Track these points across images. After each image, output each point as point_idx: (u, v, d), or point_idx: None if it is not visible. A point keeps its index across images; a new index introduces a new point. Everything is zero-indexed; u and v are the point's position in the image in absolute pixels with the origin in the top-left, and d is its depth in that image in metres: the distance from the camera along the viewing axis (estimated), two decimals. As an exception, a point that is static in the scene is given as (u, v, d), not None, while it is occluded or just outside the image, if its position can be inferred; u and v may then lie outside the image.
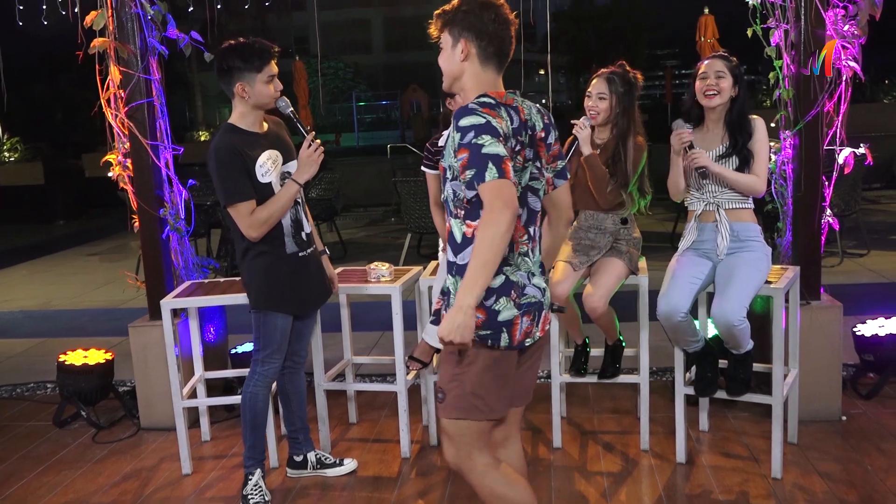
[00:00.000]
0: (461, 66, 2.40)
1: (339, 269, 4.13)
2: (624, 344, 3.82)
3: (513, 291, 2.38)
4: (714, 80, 3.38)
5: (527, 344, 2.45)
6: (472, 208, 2.32)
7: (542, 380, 4.67)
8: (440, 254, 3.90)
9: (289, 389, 3.58)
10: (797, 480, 3.37)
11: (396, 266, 3.99)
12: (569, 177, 2.59)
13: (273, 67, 3.20)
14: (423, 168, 3.97)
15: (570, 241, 3.74)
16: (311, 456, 3.65)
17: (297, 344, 3.52)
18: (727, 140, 3.41)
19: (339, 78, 38.86)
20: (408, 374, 3.79)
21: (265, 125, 3.31)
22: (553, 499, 3.33)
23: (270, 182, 3.22)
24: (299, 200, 3.32)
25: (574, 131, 3.57)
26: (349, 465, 3.69)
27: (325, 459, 3.67)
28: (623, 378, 3.86)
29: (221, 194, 3.16)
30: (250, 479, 3.39)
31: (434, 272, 3.87)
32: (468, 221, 2.35)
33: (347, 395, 4.28)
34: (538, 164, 2.44)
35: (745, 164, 3.38)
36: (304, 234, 3.34)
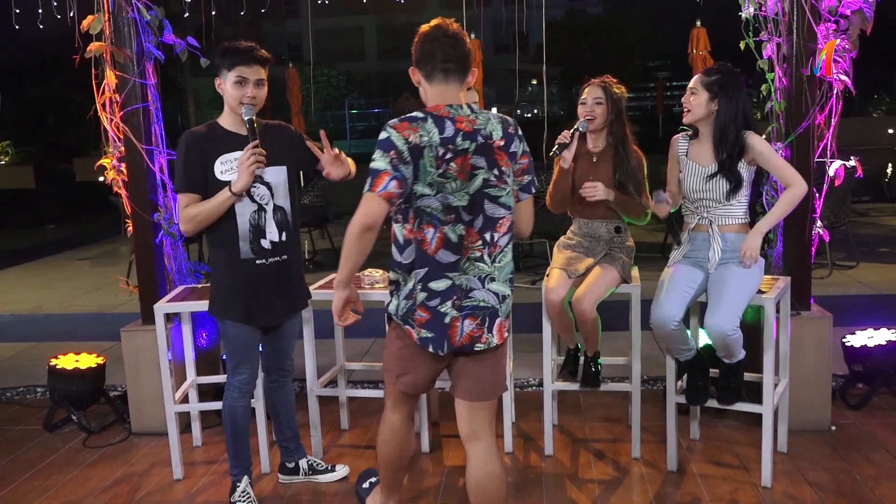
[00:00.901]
0: (421, 92, 2.65)
1: (332, 276, 4.13)
2: (600, 361, 3.80)
3: (455, 295, 2.56)
4: (687, 96, 3.40)
5: (476, 349, 2.61)
6: (401, 213, 2.58)
7: (534, 388, 4.69)
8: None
9: (276, 402, 3.57)
10: (787, 489, 3.39)
11: (390, 273, 3.99)
12: (533, 191, 2.72)
13: (248, 71, 3.15)
14: None
15: (565, 249, 3.76)
16: (302, 463, 3.65)
17: (276, 358, 3.49)
18: (717, 157, 3.40)
19: (332, 85, 38.86)
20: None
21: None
22: (544, 506, 3.34)
23: (231, 181, 3.15)
24: (265, 207, 3.22)
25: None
26: (341, 471, 3.68)
27: (317, 465, 3.67)
28: (614, 386, 3.87)
29: (173, 180, 3.25)
30: (238, 486, 3.39)
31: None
32: (405, 225, 2.57)
33: (339, 401, 4.28)
34: (496, 172, 2.56)
35: (738, 185, 3.35)
36: (265, 242, 3.23)
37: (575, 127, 3.63)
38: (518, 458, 3.82)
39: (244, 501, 3.36)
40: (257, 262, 3.24)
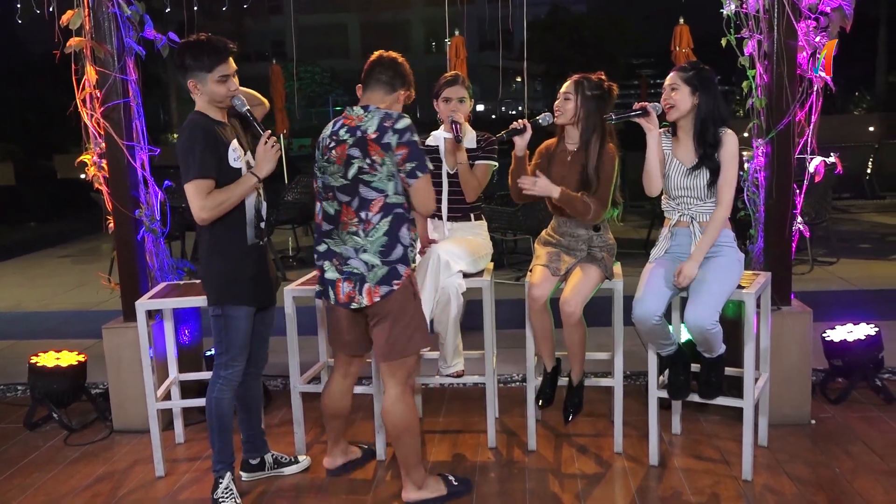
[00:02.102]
0: None
1: (316, 272, 4.12)
2: (585, 383, 3.79)
3: (335, 259, 3.17)
4: (668, 93, 3.41)
5: (352, 307, 3.17)
6: None
7: (518, 383, 4.71)
8: (417, 256, 3.91)
9: (248, 396, 3.55)
10: (767, 482, 3.42)
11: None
12: (419, 175, 3.07)
13: (227, 67, 3.17)
14: None
15: (546, 246, 3.76)
16: (268, 457, 3.66)
17: (260, 349, 3.50)
18: (697, 151, 3.43)
19: (316, 82, 38.77)
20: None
21: (226, 120, 3.32)
22: (528, 500, 3.35)
23: (241, 168, 3.22)
24: (260, 191, 3.34)
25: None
26: (304, 462, 3.73)
27: (281, 458, 3.70)
28: (597, 381, 3.89)
29: (186, 168, 3.10)
30: (221, 483, 3.36)
31: (411, 275, 3.88)
32: None
33: (323, 397, 4.27)
34: (368, 161, 3.05)
35: (715, 176, 3.39)
36: (262, 224, 3.36)
37: (536, 118, 3.62)
38: (501, 453, 3.83)
39: (228, 498, 3.34)
40: (260, 244, 3.34)
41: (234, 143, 3.23)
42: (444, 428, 4.17)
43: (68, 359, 4.40)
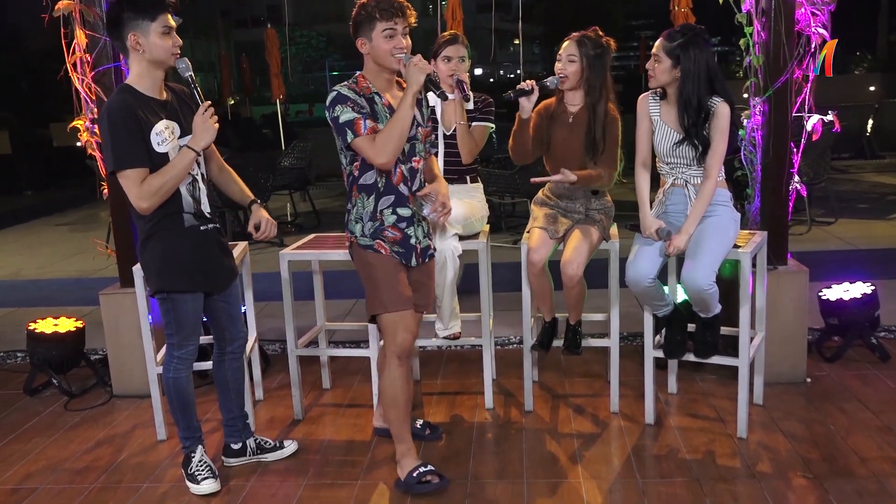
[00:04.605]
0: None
1: (312, 237, 4.12)
2: (581, 332, 3.78)
3: None
4: (651, 62, 3.33)
5: None
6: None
7: (515, 345, 4.73)
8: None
9: (228, 378, 3.39)
10: (762, 440, 3.44)
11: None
12: (347, 143, 3.02)
13: (170, 20, 2.95)
14: None
15: (543, 207, 3.75)
16: (250, 442, 3.47)
17: (231, 325, 3.32)
18: (683, 124, 3.35)
19: (312, 47, 38.38)
20: (381, 339, 3.80)
21: (165, 93, 3.07)
22: (525, 460, 3.38)
23: (167, 153, 2.97)
24: (197, 178, 3.09)
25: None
26: (290, 447, 3.53)
27: (265, 444, 3.50)
28: (594, 342, 3.91)
29: (111, 158, 2.90)
30: (193, 457, 3.26)
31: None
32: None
33: (321, 361, 4.29)
34: None
35: (706, 149, 3.31)
36: (205, 212, 3.12)
37: (544, 81, 3.57)
38: (498, 413, 3.85)
39: (204, 471, 3.24)
40: (201, 228, 3.11)
41: (161, 124, 2.97)
42: (442, 390, 4.20)
43: (66, 325, 4.41)
